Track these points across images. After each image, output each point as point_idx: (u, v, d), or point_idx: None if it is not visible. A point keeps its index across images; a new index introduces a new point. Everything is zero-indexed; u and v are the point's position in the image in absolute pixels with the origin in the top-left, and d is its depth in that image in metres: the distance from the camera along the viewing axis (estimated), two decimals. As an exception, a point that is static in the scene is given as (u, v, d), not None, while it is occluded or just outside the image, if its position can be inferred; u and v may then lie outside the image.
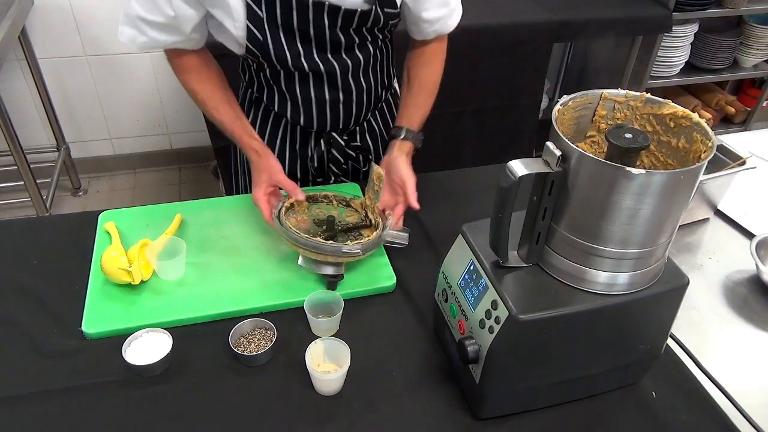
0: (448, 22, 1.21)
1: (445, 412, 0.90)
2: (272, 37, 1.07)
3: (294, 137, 1.30)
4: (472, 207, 1.29)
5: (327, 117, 1.24)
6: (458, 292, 0.88)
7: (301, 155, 1.32)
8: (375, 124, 1.35)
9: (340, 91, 1.20)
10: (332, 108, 1.22)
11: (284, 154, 1.32)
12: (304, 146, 1.31)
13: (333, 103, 1.22)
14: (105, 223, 1.17)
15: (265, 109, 1.28)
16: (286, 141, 1.30)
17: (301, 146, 1.31)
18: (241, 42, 1.08)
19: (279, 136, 1.30)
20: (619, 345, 0.86)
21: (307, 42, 1.11)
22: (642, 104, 0.81)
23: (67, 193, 2.86)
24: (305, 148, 1.31)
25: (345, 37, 1.12)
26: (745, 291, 1.16)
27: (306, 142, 1.30)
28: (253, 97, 1.29)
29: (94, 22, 2.54)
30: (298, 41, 1.10)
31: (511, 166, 0.73)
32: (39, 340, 0.97)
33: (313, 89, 1.19)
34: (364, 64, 1.19)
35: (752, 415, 0.88)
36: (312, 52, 1.12)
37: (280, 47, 1.09)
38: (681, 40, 2.77)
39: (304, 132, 1.29)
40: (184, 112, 2.88)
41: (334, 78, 1.17)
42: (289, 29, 1.07)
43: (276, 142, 1.30)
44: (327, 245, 1.01)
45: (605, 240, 0.75)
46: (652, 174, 0.69)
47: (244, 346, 0.95)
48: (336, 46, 1.13)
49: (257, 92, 1.27)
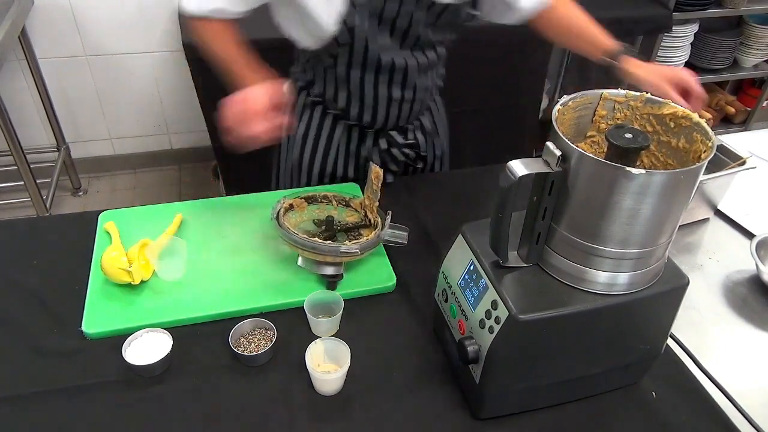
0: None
1: (445, 412, 0.90)
2: (362, 24, 1.09)
3: (350, 137, 1.32)
4: (472, 207, 1.29)
5: (390, 115, 1.26)
6: (458, 292, 0.88)
7: (356, 155, 1.34)
8: (425, 121, 1.38)
9: (406, 89, 1.23)
10: (397, 106, 1.25)
11: (340, 155, 1.33)
12: (360, 146, 1.33)
13: (399, 101, 1.24)
14: (105, 223, 1.17)
15: (323, 112, 1.30)
16: (342, 142, 1.32)
17: (358, 146, 1.33)
18: (327, 29, 1.08)
19: (336, 137, 1.32)
20: (619, 345, 0.86)
21: (390, 34, 1.12)
22: (642, 104, 0.81)
23: (67, 193, 2.86)
24: (361, 147, 1.33)
25: (424, 34, 1.14)
26: (745, 291, 1.16)
27: (362, 141, 1.33)
28: (308, 101, 1.31)
29: (94, 22, 2.54)
30: (387, 33, 1.12)
31: (511, 166, 0.73)
32: (39, 340, 0.97)
33: (382, 86, 1.21)
34: (429, 64, 1.22)
35: (752, 415, 0.88)
36: (394, 46, 1.14)
37: (369, 36, 1.11)
38: (681, 40, 2.77)
39: (361, 132, 1.31)
40: (184, 112, 2.88)
41: (404, 75, 1.20)
42: (379, 18, 1.09)
43: (332, 144, 1.32)
44: (325, 245, 1.01)
45: (605, 240, 0.75)
46: (652, 174, 0.69)
47: (244, 346, 0.95)
48: (415, 42, 1.15)
49: (316, 94, 1.28)
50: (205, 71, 2.17)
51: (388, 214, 1.10)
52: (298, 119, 1.33)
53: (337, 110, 1.27)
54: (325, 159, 1.34)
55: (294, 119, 1.31)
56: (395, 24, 1.10)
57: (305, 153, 1.35)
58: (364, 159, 1.34)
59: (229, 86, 1.11)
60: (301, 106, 1.32)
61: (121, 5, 2.52)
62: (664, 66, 1.14)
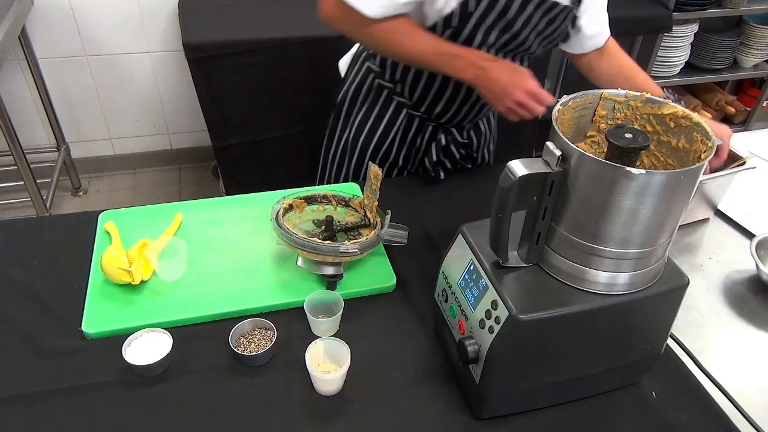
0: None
1: (445, 412, 0.90)
2: (478, 16, 1.09)
3: (410, 125, 1.34)
4: (472, 207, 1.28)
5: (461, 112, 1.29)
6: (458, 292, 0.88)
7: (411, 143, 1.37)
8: (481, 123, 1.41)
9: None
10: (471, 105, 1.27)
11: (396, 141, 1.36)
12: (417, 136, 1.35)
13: (473, 101, 1.27)
14: (105, 223, 1.17)
15: (387, 96, 1.31)
16: (401, 128, 1.34)
17: (415, 135, 1.35)
18: (443, 11, 1.09)
19: (397, 123, 1.34)
20: (619, 345, 0.86)
21: (500, 32, 1.13)
22: (642, 104, 0.81)
23: (67, 193, 2.86)
24: (418, 137, 1.36)
25: (525, 41, 1.16)
26: (745, 291, 1.16)
27: (421, 132, 1.35)
28: (375, 84, 1.32)
29: (94, 22, 2.54)
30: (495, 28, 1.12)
31: (511, 166, 0.73)
32: (39, 340, 0.97)
33: (465, 84, 1.22)
34: None
35: (752, 416, 0.88)
36: (496, 46, 1.15)
37: (480, 27, 1.11)
38: (681, 40, 2.77)
39: (421, 124, 1.33)
40: (184, 112, 2.88)
41: None
42: (498, 13, 1.09)
43: (392, 129, 1.34)
44: (325, 245, 1.01)
45: (605, 240, 0.75)
46: (652, 174, 0.69)
47: (244, 346, 0.95)
48: (517, 47, 1.17)
49: (389, 80, 1.29)
50: (205, 71, 2.19)
51: (388, 214, 1.10)
52: (360, 103, 1.35)
53: (405, 98, 1.29)
54: (381, 142, 1.36)
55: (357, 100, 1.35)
56: (510, 23, 1.11)
57: (362, 133, 1.37)
58: (418, 149, 1.37)
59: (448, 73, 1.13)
60: (365, 89, 1.34)
61: (121, 5, 2.52)
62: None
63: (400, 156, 1.39)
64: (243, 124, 2.30)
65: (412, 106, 1.30)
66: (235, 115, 2.26)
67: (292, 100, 2.31)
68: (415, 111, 1.31)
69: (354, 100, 1.37)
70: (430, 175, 1.35)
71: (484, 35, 1.12)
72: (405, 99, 1.30)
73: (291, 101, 2.31)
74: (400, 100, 1.30)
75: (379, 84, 1.31)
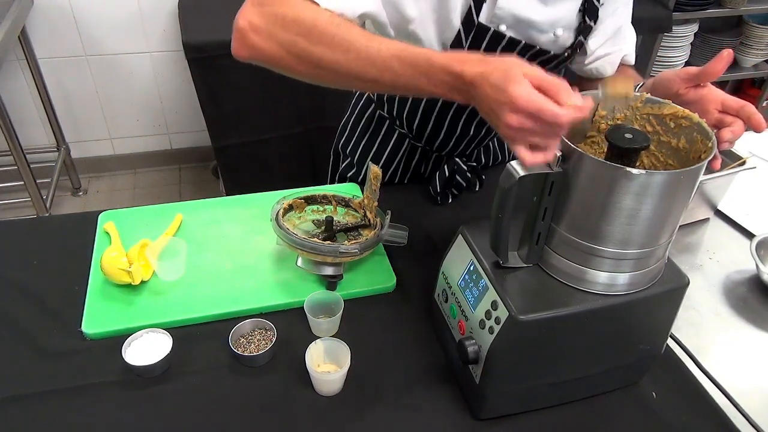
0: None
1: (445, 412, 0.90)
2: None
3: (412, 156, 1.32)
4: (472, 207, 1.29)
5: (461, 145, 1.25)
6: (458, 293, 0.88)
7: (414, 173, 1.34)
8: (491, 143, 1.37)
9: (485, 126, 1.21)
10: (469, 139, 1.24)
11: (400, 171, 1.34)
12: (421, 164, 1.33)
13: (473, 137, 1.23)
14: (105, 224, 1.17)
15: (389, 127, 1.29)
16: (403, 159, 1.32)
17: (417, 165, 1.33)
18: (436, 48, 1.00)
19: (399, 154, 1.31)
20: (619, 345, 0.86)
21: None
22: (642, 104, 0.81)
23: (67, 193, 2.86)
24: (422, 166, 1.33)
25: None
26: (745, 291, 1.16)
27: (424, 160, 1.32)
28: (376, 115, 1.30)
29: (94, 22, 2.54)
30: None
31: (511, 166, 0.73)
32: (39, 340, 0.97)
33: (464, 120, 1.18)
34: None
35: (752, 416, 0.88)
36: None
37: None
38: (681, 40, 2.78)
39: (424, 152, 1.31)
40: (184, 112, 2.88)
41: None
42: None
43: (395, 161, 1.32)
44: (325, 246, 1.01)
45: (605, 240, 0.75)
46: (652, 174, 0.69)
47: (244, 346, 0.96)
48: None
49: (388, 112, 1.26)
50: (205, 71, 2.19)
51: (388, 214, 1.10)
52: (360, 131, 1.33)
53: (405, 129, 1.26)
54: (385, 169, 1.34)
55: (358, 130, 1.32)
56: None
57: (365, 165, 1.34)
58: (422, 176, 1.34)
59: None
60: (366, 118, 1.32)
61: (121, 5, 2.53)
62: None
63: (405, 181, 1.37)
64: (243, 124, 2.30)
65: (414, 137, 1.27)
66: (235, 115, 2.26)
67: (292, 100, 2.31)
68: (417, 142, 1.28)
69: (355, 127, 1.36)
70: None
71: None
72: (405, 130, 1.27)
73: (291, 101, 2.31)
74: (401, 131, 1.28)
75: (380, 115, 1.29)
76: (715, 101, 0.84)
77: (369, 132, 1.33)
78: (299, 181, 1.33)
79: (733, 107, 0.83)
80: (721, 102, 0.84)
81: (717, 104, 0.84)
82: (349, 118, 1.38)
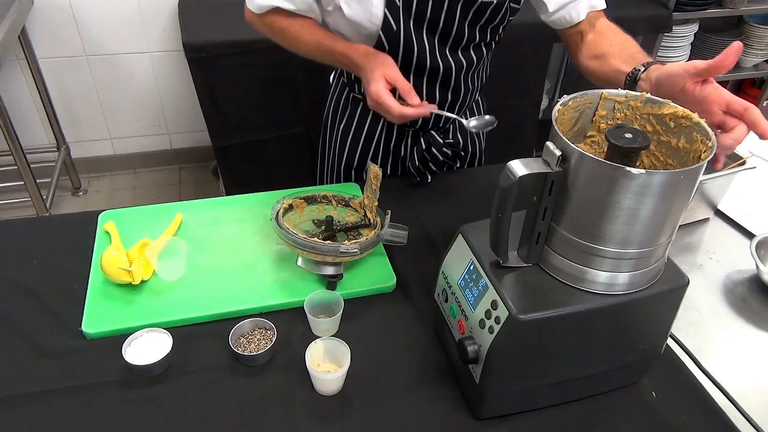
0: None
1: (445, 412, 0.90)
2: (405, 28, 1.08)
3: (390, 136, 1.33)
4: (472, 207, 1.28)
5: (432, 115, 1.26)
6: (458, 292, 0.88)
7: (394, 154, 1.36)
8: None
9: (450, 91, 1.22)
10: (439, 107, 1.24)
11: (378, 152, 1.35)
12: (399, 144, 1.34)
13: (441, 103, 1.24)
14: (105, 223, 1.17)
15: (363, 108, 1.31)
16: (381, 138, 1.33)
17: (397, 144, 1.34)
18: (373, 33, 1.09)
19: (376, 134, 1.33)
20: (619, 345, 0.86)
21: (434, 35, 1.12)
22: (642, 104, 0.81)
23: (67, 193, 2.86)
24: (400, 145, 1.34)
25: (469, 34, 1.13)
26: (745, 291, 1.16)
27: (402, 139, 1.34)
28: (350, 98, 1.32)
29: (94, 22, 2.54)
30: (424, 34, 1.11)
31: (511, 166, 0.73)
32: (39, 340, 0.97)
33: (426, 87, 1.20)
34: (475, 65, 1.21)
35: (752, 416, 0.88)
36: (436, 48, 1.14)
37: (411, 39, 1.10)
38: (681, 40, 2.78)
39: (400, 131, 1.32)
40: (184, 112, 2.88)
41: (448, 77, 1.19)
42: (420, 19, 1.08)
43: (372, 140, 1.34)
44: (325, 245, 1.01)
45: (605, 240, 0.75)
46: (652, 174, 0.69)
47: (244, 346, 0.96)
48: (458, 43, 1.15)
49: (359, 91, 1.28)
50: (205, 71, 2.19)
51: (388, 214, 1.10)
52: (339, 115, 1.35)
53: None
54: (364, 153, 1.35)
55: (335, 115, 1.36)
56: (439, 25, 1.10)
57: (345, 149, 1.37)
58: (402, 157, 1.36)
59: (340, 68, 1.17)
60: (342, 102, 1.34)
61: (121, 5, 2.53)
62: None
63: (387, 165, 1.37)
64: (243, 124, 2.30)
65: None
66: (235, 115, 2.27)
67: (292, 100, 2.31)
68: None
69: (335, 114, 1.37)
70: (416, 179, 1.34)
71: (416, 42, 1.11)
72: None
73: (291, 101, 2.31)
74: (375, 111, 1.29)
75: (354, 97, 1.31)
76: (719, 102, 0.84)
77: (346, 116, 1.34)
78: (299, 181, 1.33)
79: (738, 110, 0.83)
80: (726, 103, 0.84)
81: (722, 105, 0.84)
82: (328, 110, 1.41)
